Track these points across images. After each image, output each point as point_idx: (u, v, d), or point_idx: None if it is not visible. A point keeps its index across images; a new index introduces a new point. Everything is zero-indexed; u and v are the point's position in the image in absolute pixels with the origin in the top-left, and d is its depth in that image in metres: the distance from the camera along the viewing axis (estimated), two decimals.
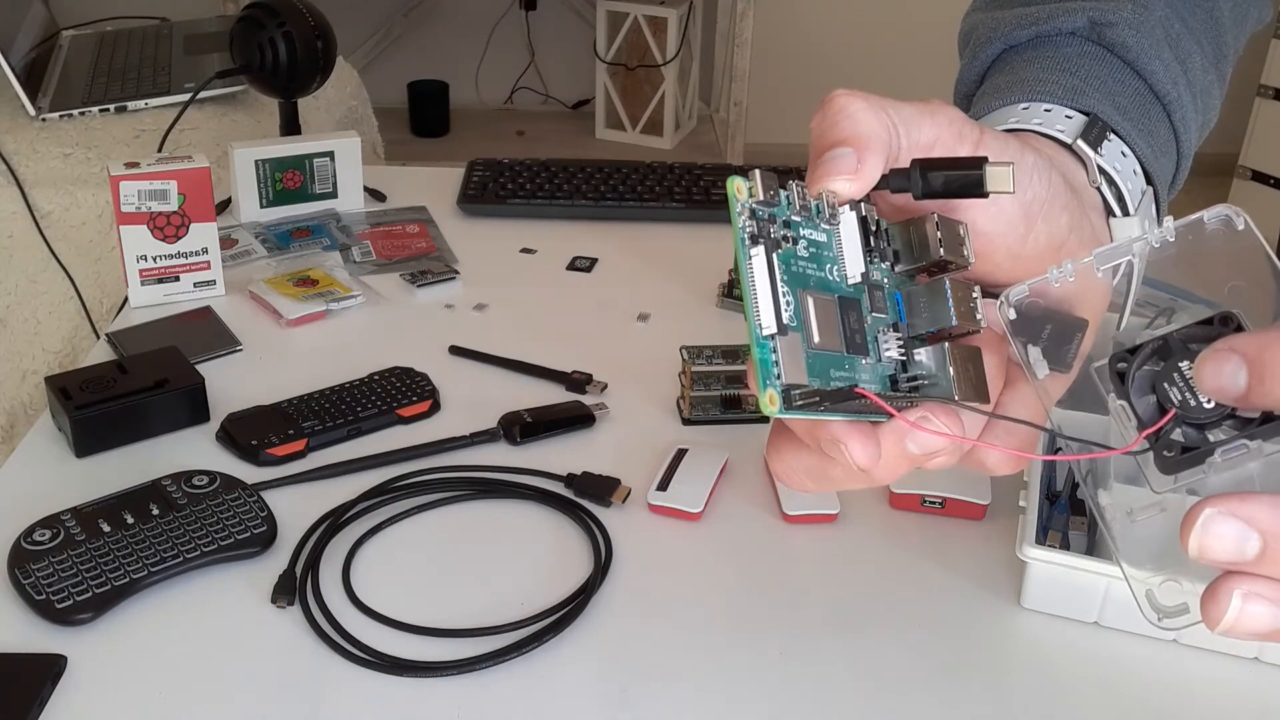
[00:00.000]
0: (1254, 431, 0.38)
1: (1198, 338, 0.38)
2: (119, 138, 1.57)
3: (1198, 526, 0.34)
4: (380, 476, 0.80)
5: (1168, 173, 0.57)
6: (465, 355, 0.96)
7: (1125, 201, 0.52)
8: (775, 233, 0.39)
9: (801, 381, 0.38)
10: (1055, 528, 0.73)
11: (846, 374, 0.40)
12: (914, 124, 0.43)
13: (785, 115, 3.16)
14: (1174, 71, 0.57)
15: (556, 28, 3.23)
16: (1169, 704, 0.64)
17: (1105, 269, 0.42)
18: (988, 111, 0.55)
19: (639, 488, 0.79)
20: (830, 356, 0.40)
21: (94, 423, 0.82)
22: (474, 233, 1.17)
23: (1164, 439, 0.39)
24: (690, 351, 0.87)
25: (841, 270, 0.42)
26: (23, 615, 0.67)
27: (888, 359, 0.42)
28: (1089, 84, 0.54)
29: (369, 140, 1.94)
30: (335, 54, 1.22)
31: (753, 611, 0.70)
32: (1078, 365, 0.44)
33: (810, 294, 0.39)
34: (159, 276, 1.02)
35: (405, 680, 0.64)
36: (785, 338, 0.38)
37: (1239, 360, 0.35)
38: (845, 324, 0.40)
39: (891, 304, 0.43)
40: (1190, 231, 0.40)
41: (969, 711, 0.64)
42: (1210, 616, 0.35)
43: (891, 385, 0.42)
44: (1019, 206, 0.44)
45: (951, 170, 0.42)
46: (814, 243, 0.41)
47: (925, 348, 0.42)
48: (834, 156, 0.41)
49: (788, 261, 0.39)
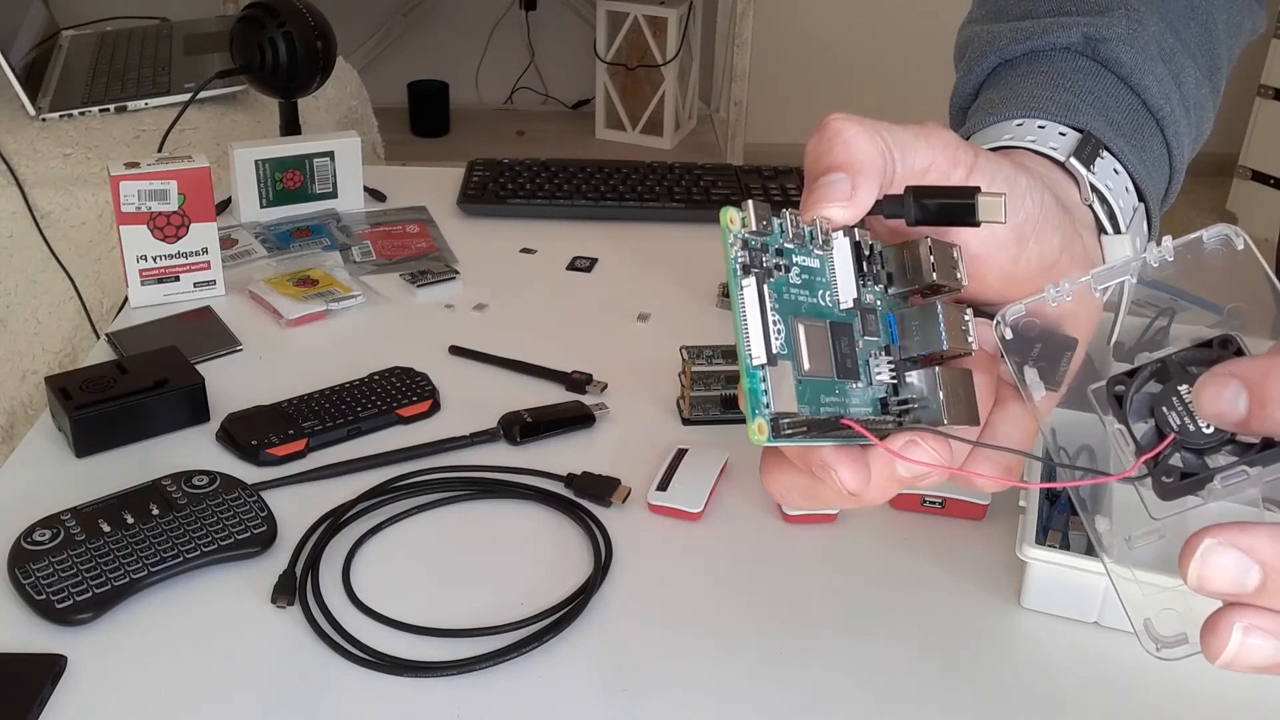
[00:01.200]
0: (1254, 458, 0.37)
1: (1197, 361, 0.38)
2: (119, 138, 1.57)
3: (1197, 557, 0.34)
4: (380, 476, 0.80)
5: (1160, 188, 0.57)
6: (465, 355, 0.96)
7: (1117, 219, 0.52)
8: (767, 261, 0.40)
9: (791, 410, 0.38)
10: (1055, 528, 0.73)
11: (837, 399, 0.40)
12: (909, 148, 0.43)
13: (785, 115, 3.16)
14: (1168, 86, 0.57)
15: (556, 28, 3.23)
16: (1169, 704, 0.64)
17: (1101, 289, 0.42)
18: (982, 127, 0.55)
19: (639, 488, 0.79)
20: (821, 383, 0.40)
21: (94, 423, 0.82)
22: (474, 233, 1.17)
23: (1162, 464, 0.38)
24: (690, 351, 0.87)
25: (834, 295, 0.42)
26: (23, 615, 0.67)
27: (879, 382, 0.42)
28: (1083, 100, 0.55)
29: (369, 140, 1.94)
30: (335, 54, 1.22)
31: (752, 611, 0.70)
32: (1066, 384, 0.44)
33: (802, 321, 0.40)
34: (159, 276, 1.02)
35: (405, 680, 0.64)
36: (775, 367, 0.38)
37: (1239, 385, 0.35)
38: (837, 349, 0.41)
39: (884, 326, 0.43)
40: (1189, 251, 0.40)
41: (969, 711, 0.64)
42: (1210, 649, 0.35)
43: (882, 408, 0.42)
44: (1011, 228, 0.45)
45: (945, 199, 0.42)
46: (807, 269, 0.41)
47: (916, 370, 0.43)
48: (828, 183, 0.41)
49: (780, 290, 0.40)
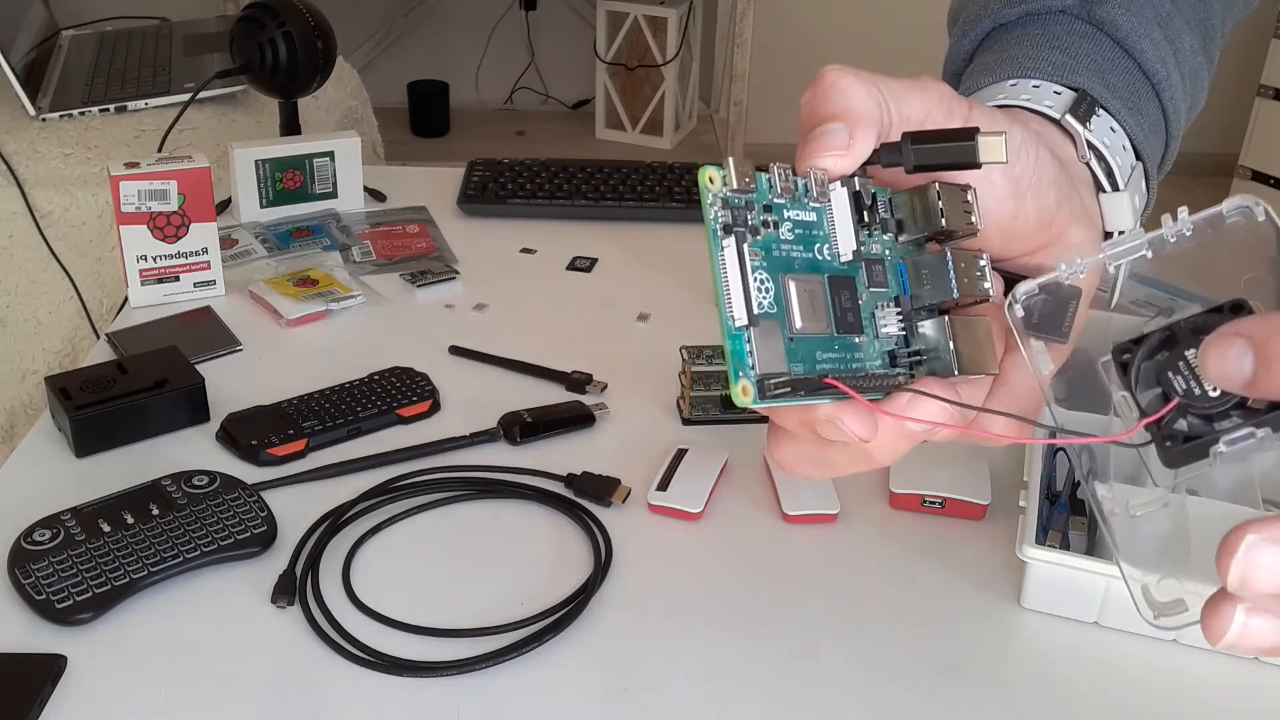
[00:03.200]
0: (1263, 419, 0.35)
1: (1205, 327, 0.36)
2: (119, 138, 1.57)
3: (1239, 556, 0.32)
4: (380, 476, 0.80)
5: (1157, 152, 0.57)
6: (465, 355, 0.96)
7: (1115, 177, 0.51)
8: (753, 219, 0.39)
9: (780, 370, 0.37)
10: (1055, 528, 0.73)
11: (836, 355, 0.39)
12: (904, 99, 0.42)
13: (785, 115, 3.16)
14: (1163, 51, 0.57)
15: (556, 28, 3.23)
16: (1169, 704, 0.64)
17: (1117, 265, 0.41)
18: (976, 89, 0.55)
19: (639, 488, 0.79)
20: (815, 340, 0.39)
21: (94, 423, 0.82)
22: (474, 233, 1.17)
23: (1166, 428, 0.37)
24: (690, 351, 0.87)
25: (833, 248, 0.41)
26: (23, 615, 0.67)
27: (886, 335, 0.41)
28: (1078, 61, 0.54)
29: (369, 140, 1.94)
30: (335, 54, 1.22)
31: (753, 611, 0.70)
32: (1074, 336, 0.43)
33: (793, 278, 0.39)
34: (159, 276, 1.02)
35: (405, 680, 0.64)
36: (758, 328, 0.37)
37: (1245, 344, 0.33)
38: (836, 304, 0.40)
39: (894, 275, 0.42)
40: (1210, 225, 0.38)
41: (969, 711, 0.64)
42: (1212, 631, 0.34)
43: (891, 360, 0.41)
44: (1008, 182, 0.44)
45: (943, 142, 0.41)
46: (801, 223, 0.40)
47: (930, 320, 0.42)
48: (825, 132, 0.41)
49: (768, 247, 0.39)
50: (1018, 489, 0.72)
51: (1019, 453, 0.81)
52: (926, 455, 0.81)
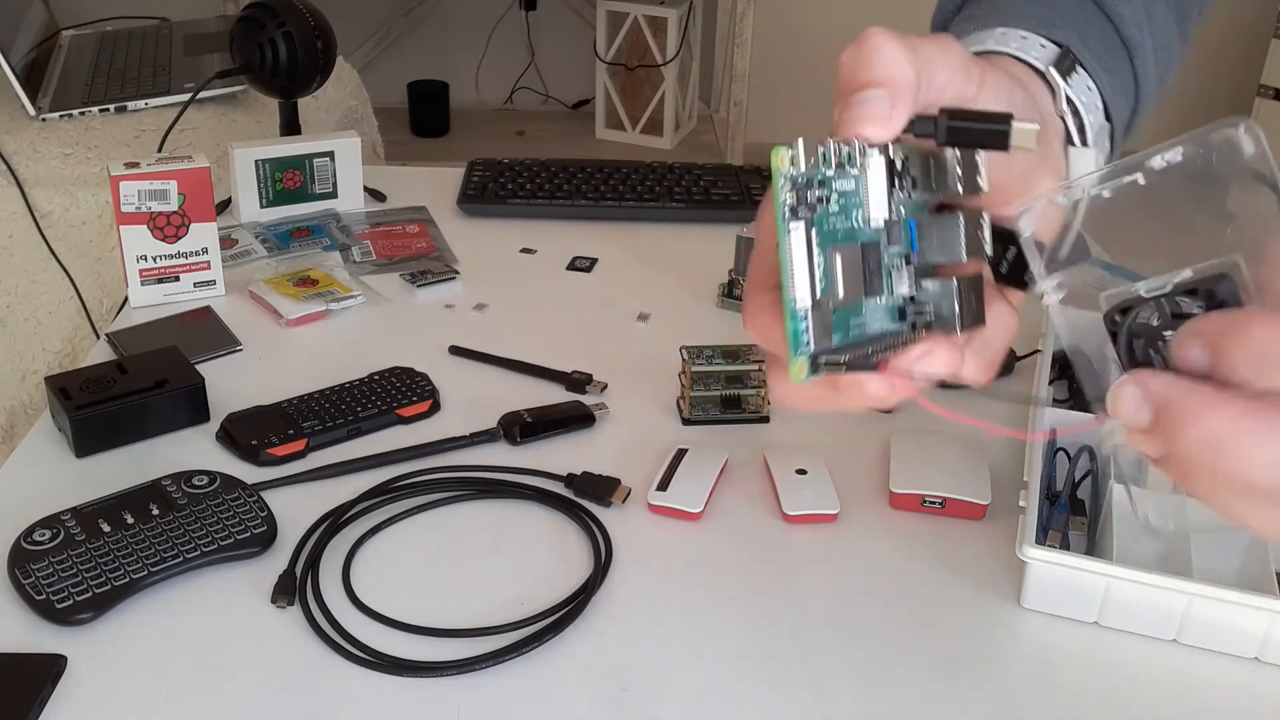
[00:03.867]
0: None
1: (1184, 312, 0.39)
2: (119, 138, 1.57)
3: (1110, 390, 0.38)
4: (380, 476, 0.80)
5: (1124, 115, 0.58)
6: (465, 355, 0.96)
7: (1086, 133, 0.52)
8: (812, 197, 0.39)
9: (827, 345, 0.39)
10: (1055, 528, 0.73)
11: (861, 320, 0.41)
12: (934, 65, 0.43)
13: (785, 115, 3.16)
14: (1140, 16, 0.58)
15: (556, 28, 3.22)
16: (1169, 704, 0.64)
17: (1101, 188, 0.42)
18: (963, 35, 0.56)
19: (639, 488, 0.79)
20: (851, 307, 0.40)
21: (94, 423, 0.82)
22: (474, 233, 1.17)
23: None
24: (690, 351, 0.87)
25: (866, 214, 0.42)
26: (23, 615, 0.67)
27: (899, 295, 0.42)
28: (1062, 17, 0.56)
29: (369, 140, 1.94)
30: (335, 54, 1.22)
31: (753, 611, 0.70)
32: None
33: (839, 250, 0.40)
34: (159, 276, 1.02)
35: (405, 680, 0.64)
36: (817, 311, 0.39)
37: (1201, 344, 0.37)
38: (865, 268, 0.41)
39: (905, 233, 0.43)
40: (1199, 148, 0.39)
41: (969, 711, 0.64)
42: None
43: (900, 316, 0.42)
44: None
45: (979, 124, 0.42)
46: (843, 194, 0.41)
47: (934, 279, 0.43)
48: (867, 99, 0.41)
49: (821, 224, 0.40)
50: (1018, 489, 0.72)
51: (1019, 453, 0.81)
52: (927, 455, 0.81)
